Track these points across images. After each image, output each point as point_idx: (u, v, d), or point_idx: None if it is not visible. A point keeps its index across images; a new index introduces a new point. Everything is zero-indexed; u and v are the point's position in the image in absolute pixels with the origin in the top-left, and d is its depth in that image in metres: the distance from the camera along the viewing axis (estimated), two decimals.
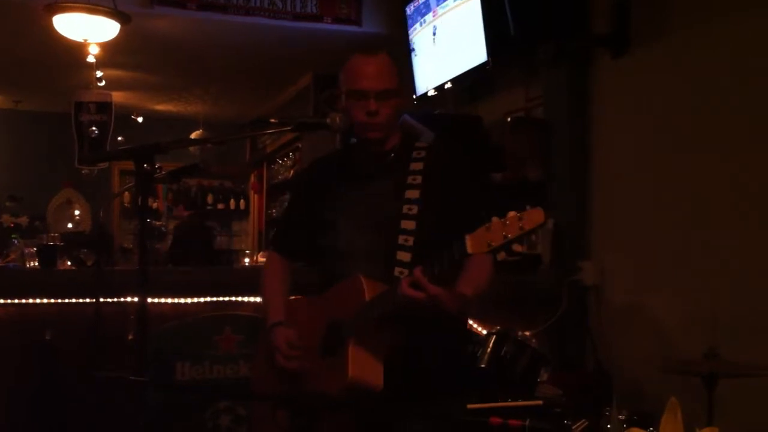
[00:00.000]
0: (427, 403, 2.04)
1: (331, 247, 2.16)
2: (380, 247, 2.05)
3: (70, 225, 7.19)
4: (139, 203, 2.01)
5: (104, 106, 6.97)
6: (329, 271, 2.14)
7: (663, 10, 3.47)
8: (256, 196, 8.81)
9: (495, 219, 1.61)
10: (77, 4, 4.84)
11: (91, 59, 5.85)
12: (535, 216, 1.56)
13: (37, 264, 3.83)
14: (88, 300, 3.41)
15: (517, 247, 1.59)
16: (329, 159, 2.38)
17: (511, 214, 1.58)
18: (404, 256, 1.99)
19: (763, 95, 2.98)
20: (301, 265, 2.35)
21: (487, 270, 2.03)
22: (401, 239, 2.01)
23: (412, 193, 2.06)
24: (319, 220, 2.19)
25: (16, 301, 3.44)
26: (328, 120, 2.10)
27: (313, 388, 2.02)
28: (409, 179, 2.09)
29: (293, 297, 2.30)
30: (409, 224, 2.03)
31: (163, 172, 3.29)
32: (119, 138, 7.17)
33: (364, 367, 1.90)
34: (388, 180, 2.12)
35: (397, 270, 1.97)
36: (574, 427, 2.58)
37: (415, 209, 2.04)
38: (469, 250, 1.66)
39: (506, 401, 2.75)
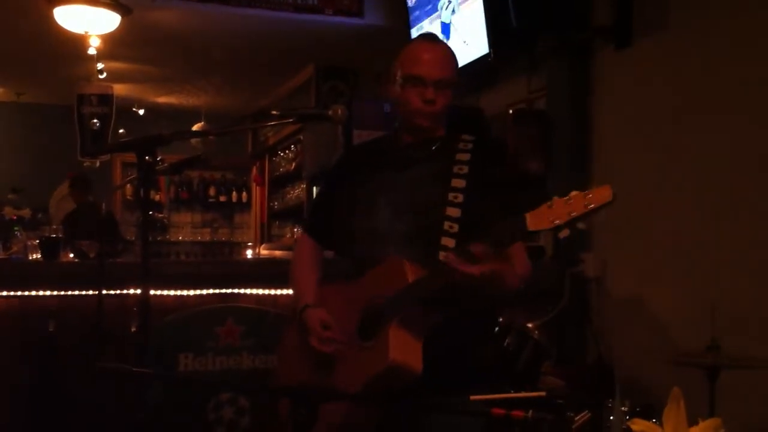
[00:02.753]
0: (432, 396, 2.01)
1: (366, 230, 2.09)
2: (421, 231, 2.00)
3: None
4: (142, 195, 2.01)
5: (106, 99, 6.95)
6: (364, 254, 2.08)
7: (666, 0, 3.46)
8: (258, 188, 8.79)
9: (556, 198, 1.59)
10: None
11: (92, 51, 5.84)
12: (602, 194, 1.53)
13: (39, 256, 3.83)
14: (90, 292, 3.42)
15: (580, 225, 1.56)
16: (366, 145, 2.34)
17: (574, 193, 1.56)
18: (449, 242, 1.95)
19: (767, 87, 2.98)
20: (332, 256, 2.31)
21: (527, 260, 2.03)
22: (446, 225, 1.97)
23: (458, 182, 2.02)
24: (354, 205, 2.13)
25: (19, 293, 3.44)
26: (329, 112, 2.08)
27: (348, 374, 1.95)
28: (455, 168, 2.05)
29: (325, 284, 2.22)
30: (454, 211, 1.99)
31: (165, 164, 3.29)
32: (120, 131, 7.16)
33: (404, 351, 1.84)
34: (432, 166, 2.08)
35: (442, 255, 1.90)
36: (576, 419, 2.58)
37: (460, 197, 2.00)
38: (530, 227, 1.62)
39: (509, 392, 2.75)
